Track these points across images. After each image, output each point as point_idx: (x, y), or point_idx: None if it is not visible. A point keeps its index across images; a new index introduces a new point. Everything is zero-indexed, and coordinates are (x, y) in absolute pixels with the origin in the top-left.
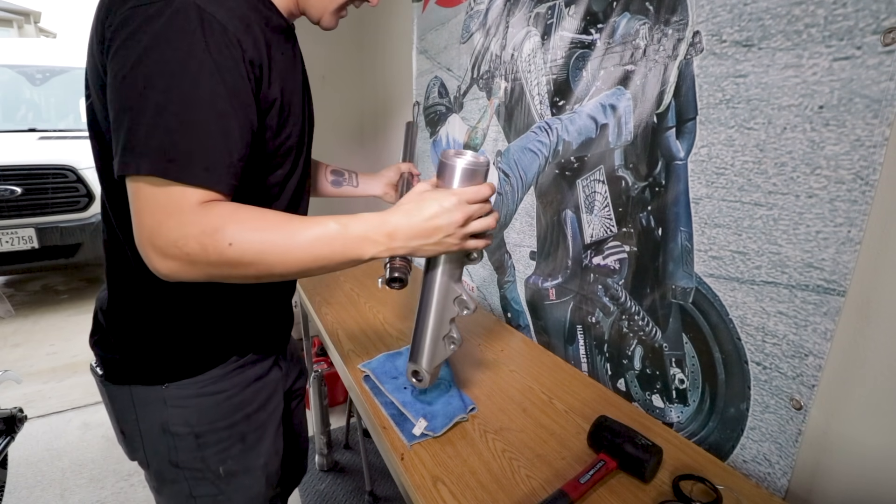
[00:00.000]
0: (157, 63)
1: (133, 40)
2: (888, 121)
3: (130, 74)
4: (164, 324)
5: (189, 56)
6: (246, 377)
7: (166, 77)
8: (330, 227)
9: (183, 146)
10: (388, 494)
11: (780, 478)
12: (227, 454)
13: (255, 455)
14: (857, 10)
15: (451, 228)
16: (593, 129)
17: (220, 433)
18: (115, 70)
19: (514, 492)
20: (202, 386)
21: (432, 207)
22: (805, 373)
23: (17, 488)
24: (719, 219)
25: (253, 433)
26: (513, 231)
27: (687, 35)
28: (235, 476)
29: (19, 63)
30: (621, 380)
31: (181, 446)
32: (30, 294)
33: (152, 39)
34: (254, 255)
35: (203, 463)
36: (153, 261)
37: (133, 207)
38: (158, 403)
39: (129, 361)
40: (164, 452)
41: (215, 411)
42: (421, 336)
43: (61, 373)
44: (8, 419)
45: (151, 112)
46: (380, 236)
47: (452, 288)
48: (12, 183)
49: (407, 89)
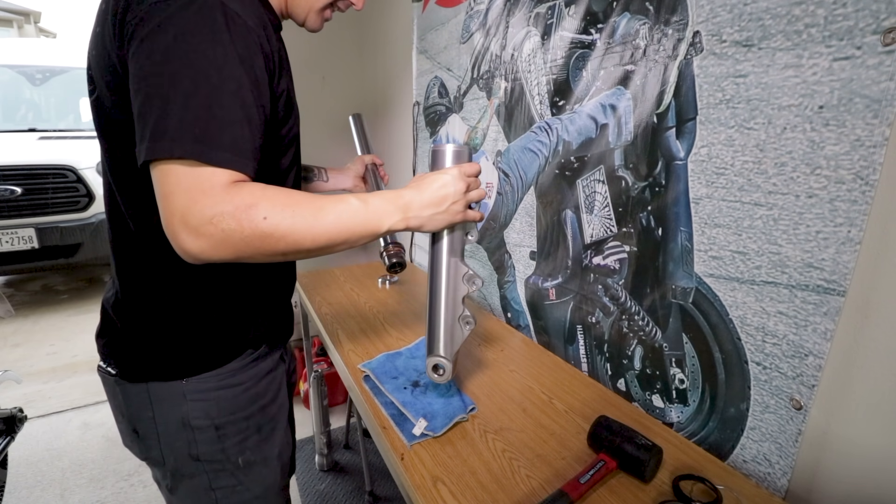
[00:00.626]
0: (185, 54)
1: (161, 32)
2: (888, 121)
3: (159, 65)
4: (184, 318)
5: (216, 48)
6: (260, 370)
7: (195, 67)
8: (352, 202)
9: (212, 131)
10: (388, 494)
11: (780, 478)
12: (246, 445)
13: (270, 445)
14: (857, 10)
15: (457, 196)
16: (593, 129)
17: (239, 424)
18: (142, 61)
19: (514, 492)
20: (221, 378)
21: (440, 179)
22: (805, 373)
23: (17, 488)
24: (719, 219)
25: (268, 424)
26: (513, 231)
27: (687, 35)
28: (254, 466)
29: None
30: (621, 380)
31: (202, 439)
32: (30, 294)
33: (180, 32)
34: (286, 229)
35: (224, 454)
36: (184, 241)
37: (162, 191)
38: (178, 398)
39: (147, 358)
40: (183, 447)
41: (234, 403)
42: (436, 323)
43: (61, 373)
44: (8, 419)
45: (181, 100)
46: (396, 208)
47: (459, 265)
48: (12, 183)
49: (407, 89)
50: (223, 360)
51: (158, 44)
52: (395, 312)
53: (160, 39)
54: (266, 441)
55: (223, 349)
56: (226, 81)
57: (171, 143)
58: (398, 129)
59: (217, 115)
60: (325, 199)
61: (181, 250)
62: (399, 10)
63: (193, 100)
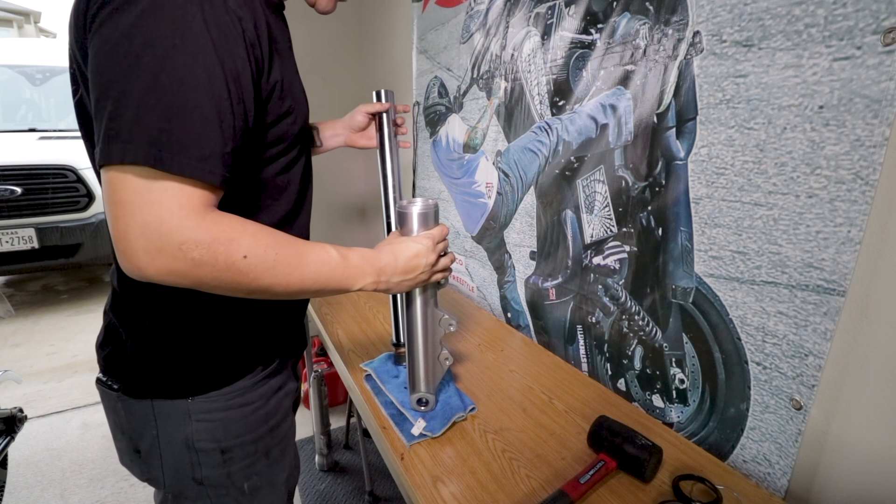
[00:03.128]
0: (147, 36)
1: (122, 12)
2: (888, 121)
3: (117, 47)
4: (192, 332)
5: (185, 29)
6: (270, 387)
7: (158, 51)
8: (332, 254)
9: (176, 132)
10: (388, 494)
11: (779, 478)
12: (253, 469)
13: (279, 469)
14: (857, 10)
15: (426, 266)
16: (593, 129)
17: (247, 447)
18: (99, 44)
19: (514, 492)
20: (230, 398)
21: (413, 249)
22: (805, 373)
23: (17, 488)
24: (719, 219)
25: (277, 447)
26: (513, 231)
27: (687, 35)
28: (259, 491)
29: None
30: (621, 380)
31: (206, 462)
32: (30, 294)
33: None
34: (265, 269)
35: (229, 479)
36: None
37: (115, 198)
38: (182, 417)
39: (151, 374)
40: (186, 469)
41: (242, 425)
42: (416, 365)
43: (61, 373)
44: (8, 419)
45: (139, 94)
46: (372, 271)
47: (434, 312)
48: (12, 183)
49: (407, 89)
50: (233, 377)
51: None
52: None
53: (121, 20)
54: (275, 465)
55: (233, 366)
56: (195, 70)
57: (126, 145)
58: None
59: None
60: (306, 245)
61: (131, 267)
62: (399, 10)
63: (152, 93)
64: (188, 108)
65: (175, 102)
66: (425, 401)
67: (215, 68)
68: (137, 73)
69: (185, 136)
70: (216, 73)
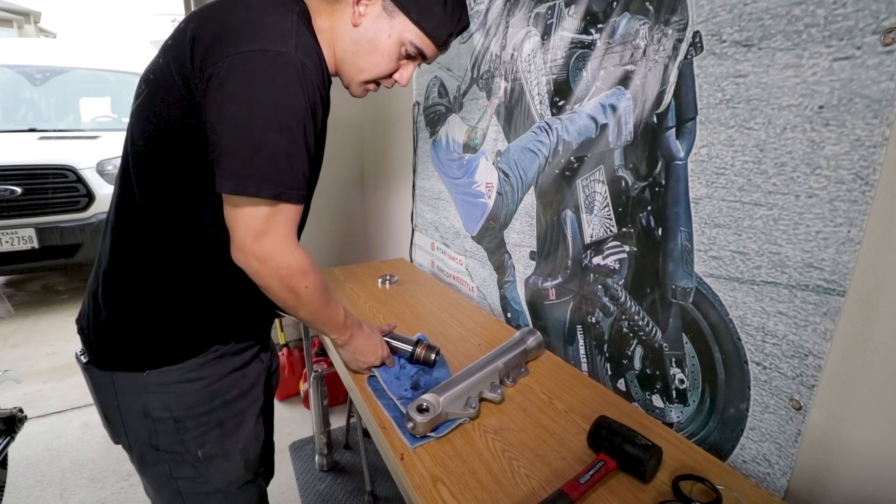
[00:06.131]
0: (273, 107)
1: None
2: (888, 121)
3: (250, 111)
4: (151, 313)
5: (294, 104)
6: (225, 366)
7: (279, 119)
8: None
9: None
10: (388, 494)
11: (779, 478)
12: (206, 438)
13: (233, 440)
14: (857, 10)
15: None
16: (593, 129)
17: (200, 418)
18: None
19: (514, 492)
20: (182, 373)
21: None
22: (805, 373)
23: (17, 488)
24: (719, 219)
25: (232, 419)
26: (513, 231)
27: (687, 35)
28: (214, 459)
29: (19, 63)
30: (621, 380)
31: (161, 430)
32: (30, 294)
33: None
34: (309, 301)
35: (182, 446)
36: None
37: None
38: (139, 389)
39: (113, 348)
40: (145, 436)
41: (194, 397)
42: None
43: (61, 373)
44: (8, 419)
45: (270, 147)
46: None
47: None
48: (12, 183)
49: (407, 89)
50: (185, 355)
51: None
52: (396, 312)
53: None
54: (229, 436)
55: (186, 344)
56: (297, 134)
57: (260, 183)
58: (398, 129)
59: (292, 160)
60: (336, 301)
61: (242, 260)
62: None
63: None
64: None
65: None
66: (426, 407)
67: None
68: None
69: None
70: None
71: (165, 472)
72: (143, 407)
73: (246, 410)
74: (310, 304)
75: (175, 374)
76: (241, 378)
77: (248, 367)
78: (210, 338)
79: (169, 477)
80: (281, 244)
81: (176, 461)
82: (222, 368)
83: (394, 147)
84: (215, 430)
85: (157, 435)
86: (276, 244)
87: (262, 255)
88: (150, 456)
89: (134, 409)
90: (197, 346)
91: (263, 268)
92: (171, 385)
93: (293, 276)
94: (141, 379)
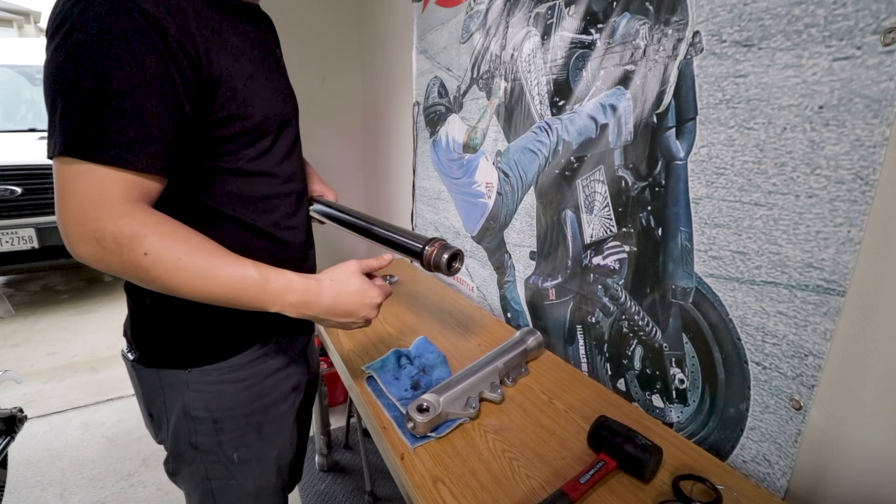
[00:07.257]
0: (71, 50)
1: (56, 33)
2: (888, 121)
3: (50, 64)
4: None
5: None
6: (267, 367)
7: (78, 62)
8: (249, 273)
9: (95, 126)
10: (388, 494)
11: (779, 478)
12: (243, 441)
13: (270, 445)
14: (857, 10)
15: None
16: (593, 129)
17: (238, 420)
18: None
19: (514, 492)
20: (223, 373)
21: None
22: (805, 373)
23: (17, 488)
24: (719, 219)
25: (270, 424)
26: (513, 231)
27: (687, 35)
28: (248, 463)
29: (19, 63)
30: (621, 380)
31: (200, 429)
32: (30, 294)
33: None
34: (164, 271)
35: (220, 447)
36: (72, 243)
37: (57, 190)
38: (182, 387)
39: (158, 346)
40: (184, 434)
41: (233, 399)
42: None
43: (61, 373)
44: (8, 419)
45: (65, 96)
46: (295, 302)
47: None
48: (12, 183)
49: (407, 89)
50: (226, 353)
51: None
52: (395, 312)
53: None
54: (266, 440)
55: (227, 342)
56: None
57: (55, 140)
58: (398, 129)
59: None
60: (221, 259)
61: (71, 251)
62: (399, 10)
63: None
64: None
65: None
66: (426, 407)
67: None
68: (63, 82)
69: (103, 129)
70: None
71: (201, 471)
72: (185, 405)
73: (285, 414)
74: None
75: (215, 374)
76: (282, 380)
77: (288, 369)
78: (248, 335)
79: (203, 477)
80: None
81: (212, 461)
82: (264, 370)
83: (393, 147)
84: (253, 434)
85: (196, 434)
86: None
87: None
88: (188, 454)
89: (177, 406)
90: (237, 344)
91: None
92: (212, 385)
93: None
94: (184, 376)
